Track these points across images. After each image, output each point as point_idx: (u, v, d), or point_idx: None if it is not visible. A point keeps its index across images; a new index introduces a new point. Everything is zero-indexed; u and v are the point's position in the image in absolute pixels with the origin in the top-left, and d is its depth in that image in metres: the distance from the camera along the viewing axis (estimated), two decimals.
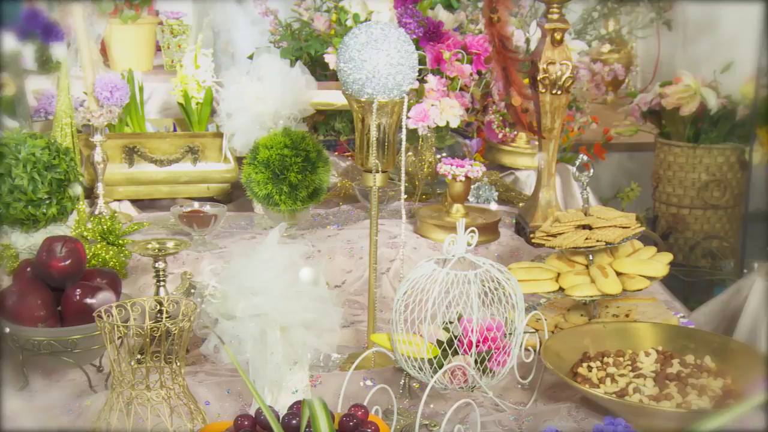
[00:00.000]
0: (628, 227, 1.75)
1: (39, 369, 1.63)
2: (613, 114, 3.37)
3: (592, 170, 1.84)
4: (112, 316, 1.37)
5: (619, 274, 1.72)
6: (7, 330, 1.56)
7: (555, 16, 2.08)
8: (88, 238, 1.96)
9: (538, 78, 2.10)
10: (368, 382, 1.62)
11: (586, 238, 1.73)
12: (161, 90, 2.71)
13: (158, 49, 2.98)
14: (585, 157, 1.84)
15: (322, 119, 2.73)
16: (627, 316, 1.78)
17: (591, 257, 1.74)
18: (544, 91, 2.11)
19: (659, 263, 1.74)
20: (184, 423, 1.35)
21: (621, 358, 1.59)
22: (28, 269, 1.65)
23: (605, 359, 1.58)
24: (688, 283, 2.65)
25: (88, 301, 1.58)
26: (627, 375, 1.54)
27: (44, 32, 2.33)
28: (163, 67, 2.96)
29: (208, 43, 2.98)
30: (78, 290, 1.60)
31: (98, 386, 1.60)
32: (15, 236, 1.81)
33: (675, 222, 2.90)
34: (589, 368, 1.57)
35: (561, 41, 2.08)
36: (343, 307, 1.52)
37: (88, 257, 1.84)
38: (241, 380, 1.59)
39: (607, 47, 3.67)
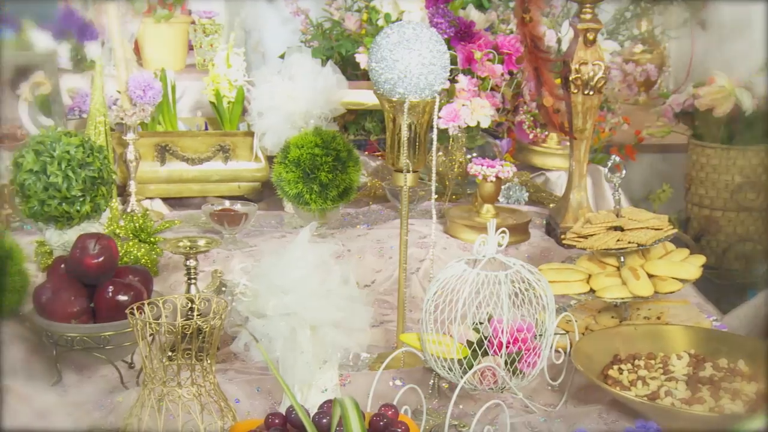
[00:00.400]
0: (661, 229, 1.74)
1: (72, 364, 1.65)
2: (645, 115, 3.34)
3: (624, 171, 1.83)
4: (144, 313, 1.37)
5: (650, 276, 1.71)
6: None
7: (588, 16, 2.06)
8: (121, 235, 1.98)
9: (570, 78, 2.09)
10: (397, 382, 1.62)
11: (618, 240, 1.72)
12: (193, 89, 2.73)
13: (190, 48, 3.00)
14: (617, 158, 1.83)
15: (352, 119, 2.73)
16: (658, 318, 1.76)
17: (622, 259, 1.73)
18: (576, 91, 2.10)
19: (692, 266, 1.72)
20: (215, 420, 1.36)
21: (652, 361, 1.57)
22: (62, 266, 1.67)
23: (636, 362, 1.57)
24: (720, 286, 2.63)
25: (121, 297, 1.60)
26: (658, 378, 1.52)
27: (79, 31, 2.36)
28: (195, 66, 2.98)
29: (240, 42, 2.99)
30: (110, 287, 1.61)
31: (129, 382, 1.61)
32: (49, 233, 1.83)
33: (708, 224, 2.87)
34: (620, 371, 1.55)
35: (594, 41, 2.07)
36: (373, 307, 1.52)
37: (121, 254, 1.85)
38: (270, 378, 1.60)
39: (639, 47, 3.64)
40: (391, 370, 1.64)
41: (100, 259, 1.62)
